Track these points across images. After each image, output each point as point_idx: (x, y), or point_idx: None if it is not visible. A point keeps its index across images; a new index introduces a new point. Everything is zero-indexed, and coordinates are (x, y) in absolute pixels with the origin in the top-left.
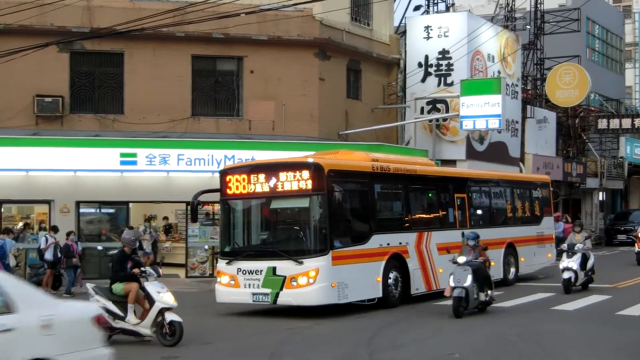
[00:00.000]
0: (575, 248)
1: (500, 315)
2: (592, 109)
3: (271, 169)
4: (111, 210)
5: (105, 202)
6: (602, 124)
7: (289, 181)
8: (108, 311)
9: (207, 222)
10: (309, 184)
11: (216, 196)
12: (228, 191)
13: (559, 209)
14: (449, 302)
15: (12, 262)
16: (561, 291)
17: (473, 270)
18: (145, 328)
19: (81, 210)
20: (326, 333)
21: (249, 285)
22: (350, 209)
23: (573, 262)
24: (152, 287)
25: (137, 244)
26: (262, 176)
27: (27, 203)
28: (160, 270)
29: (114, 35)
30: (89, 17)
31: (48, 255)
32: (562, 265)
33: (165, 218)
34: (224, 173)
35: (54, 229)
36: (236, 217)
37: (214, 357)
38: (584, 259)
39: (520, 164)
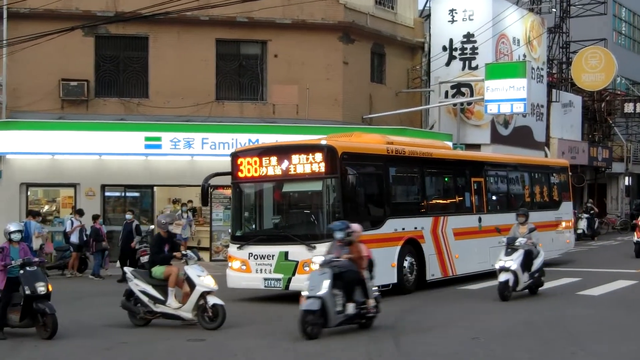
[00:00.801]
0: (517, 243)
1: (528, 300)
2: (618, 92)
3: (283, 151)
4: (136, 194)
5: (130, 185)
6: (629, 108)
7: (301, 164)
8: (148, 295)
9: None
10: (322, 167)
11: None
12: (239, 174)
13: (584, 193)
14: (471, 287)
15: (35, 244)
16: (585, 276)
17: (336, 273)
18: (186, 312)
19: (106, 193)
20: None
21: (261, 270)
22: (364, 193)
23: (512, 261)
24: (192, 270)
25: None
26: (274, 159)
27: (52, 186)
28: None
29: (139, 19)
30: (113, 1)
31: (74, 239)
32: (497, 264)
33: (190, 201)
34: (235, 156)
35: (80, 212)
36: (247, 200)
37: (239, 340)
38: (528, 258)
39: (546, 148)
